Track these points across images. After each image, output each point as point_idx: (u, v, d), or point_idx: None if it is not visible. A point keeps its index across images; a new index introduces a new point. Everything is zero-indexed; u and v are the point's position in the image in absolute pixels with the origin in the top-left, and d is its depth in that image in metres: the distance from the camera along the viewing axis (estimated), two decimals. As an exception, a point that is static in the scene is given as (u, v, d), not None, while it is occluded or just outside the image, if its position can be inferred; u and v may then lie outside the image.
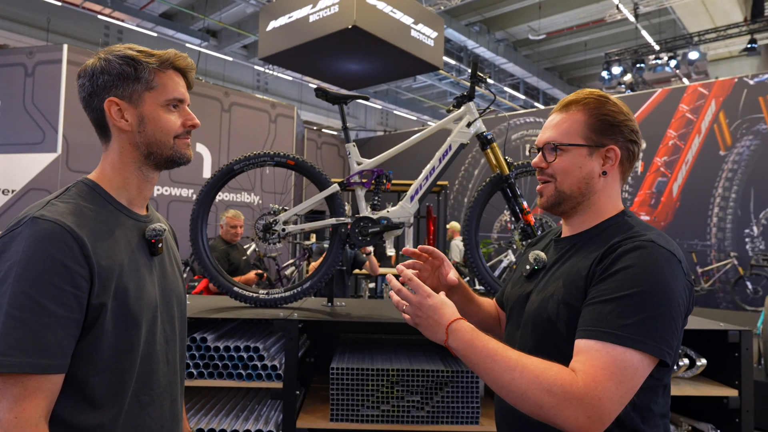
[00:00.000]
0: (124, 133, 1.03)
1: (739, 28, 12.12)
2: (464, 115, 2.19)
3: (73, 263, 0.88)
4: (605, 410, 0.88)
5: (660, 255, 0.98)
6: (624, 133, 1.12)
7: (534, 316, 1.11)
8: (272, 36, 7.17)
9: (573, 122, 1.13)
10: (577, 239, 1.15)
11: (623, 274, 0.96)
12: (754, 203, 8.18)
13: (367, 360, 1.89)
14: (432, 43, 7.36)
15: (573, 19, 14.12)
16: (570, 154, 1.13)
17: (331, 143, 13.04)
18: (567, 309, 1.03)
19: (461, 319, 1.03)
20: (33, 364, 0.82)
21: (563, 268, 1.11)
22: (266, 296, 2.09)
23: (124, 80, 1.01)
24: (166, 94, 1.04)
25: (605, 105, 1.12)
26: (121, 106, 1.01)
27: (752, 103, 8.29)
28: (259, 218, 2.12)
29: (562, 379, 0.90)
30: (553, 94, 18.83)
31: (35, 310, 0.84)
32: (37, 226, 0.88)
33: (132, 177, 1.05)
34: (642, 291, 0.93)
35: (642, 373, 0.92)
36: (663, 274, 0.95)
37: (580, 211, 1.15)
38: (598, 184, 1.13)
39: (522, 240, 2.16)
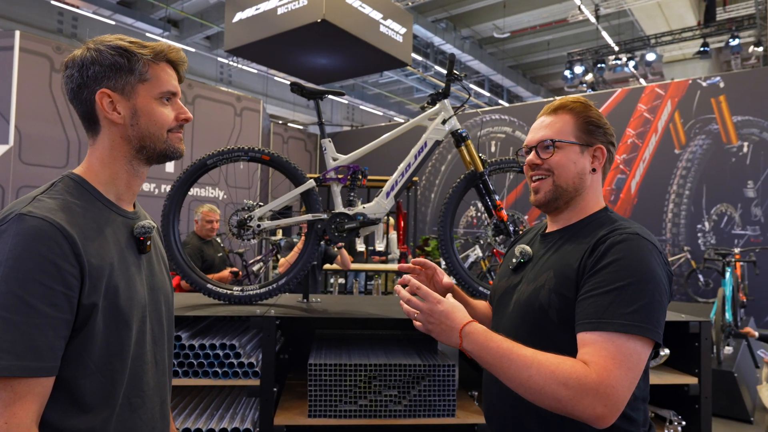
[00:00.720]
0: (116, 126, 0.99)
1: (693, 32, 12.63)
2: (439, 112, 2.21)
3: (64, 262, 0.84)
4: (620, 398, 0.93)
5: (645, 246, 1.05)
6: (607, 135, 1.23)
7: (525, 306, 1.16)
8: (238, 28, 7.03)
9: (564, 123, 1.22)
10: (564, 233, 1.22)
11: (615, 266, 1.02)
12: (706, 200, 8.58)
13: (344, 356, 1.90)
14: (401, 39, 7.37)
15: (536, 18, 14.41)
16: (565, 151, 1.20)
17: (297, 138, 12.91)
18: (558, 298, 1.09)
19: (473, 321, 1.06)
20: (24, 367, 0.79)
21: (552, 260, 1.17)
22: (241, 293, 2.07)
23: (116, 72, 0.97)
24: (159, 87, 1.00)
25: (589, 110, 1.23)
26: (114, 99, 0.97)
27: (705, 104, 8.68)
28: (233, 214, 2.08)
29: (577, 372, 0.93)
30: (517, 91, 19.18)
31: (25, 311, 0.80)
32: (24, 223, 0.83)
33: (121, 172, 1.01)
34: (636, 281, 1.00)
35: (644, 357, 0.99)
36: (649, 264, 1.03)
37: (571, 206, 1.23)
38: (588, 181, 1.21)
39: (495, 236, 2.20)
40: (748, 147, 8.31)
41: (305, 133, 13.63)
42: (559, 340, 1.07)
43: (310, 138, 13.56)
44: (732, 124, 8.44)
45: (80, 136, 7.76)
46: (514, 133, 10.60)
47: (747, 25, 11.87)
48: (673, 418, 1.99)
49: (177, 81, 1.05)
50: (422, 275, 1.39)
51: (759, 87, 8.38)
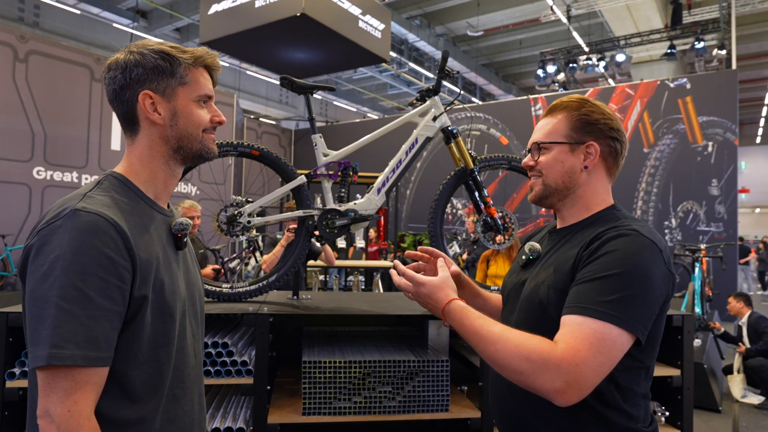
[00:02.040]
0: (156, 126, 1.03)
1: (661, 34, 13.00)
2: (430, 108, 2.21)
3: (117, 255, 0.88)
4: (582, 376, 0.95)
5: (641, 242, 1.06)
6: (603, 130, 1.22)
7: (527, 302, 1.19)
8: (214, 20, 6.88)
9: (556, 124, 1.24)
10: (569, 230, 1.23)
11: (606, 257, 1.05)
12: (672, 197, 8.86)
13: (337, 353, 1.89)
14: (379, 35, 7.35)
15: (509, 17, 14.59)
16: (553, 151, 1.23)
17: (271, 133, 12.76)
18: (557, 294, 1.11)
19: (453, 300, 1.13)
20: (84, 356, 0.83)
21: (555, 256, 1.19)
22: (230, 290, 2.03)
23: (159, 74, 1.01)
24: (198, 90, 1.05)
25: (584, 106, 1.23)
26: (155, 100, 1.02)
27: (672, 105, 8.96)
28: (221, 210, 2.04)
29: (541, 348, 0.98)
30: (490, 89, 19.40)
31: (84, 302, 0.84)
32: (80, 218, 0.87)
33: (160, 171, 1.05)
34: (622, 272, 1.02)
35: (620, 347, 0.99)
36: (642, 259, 1.04)
37: (568, 204, 1.24)
38: (581, 179, 1.22)
39: (485, 232, 2.22)
40: (713, 146, 8.62)
41: (279, 129, 13.49)
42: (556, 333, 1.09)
43: (284, 133, 13.43)
44: (698, 124, 8.74)
45: (46, 128, 7.49)
46: (489, 130, 10.73)
47: (711, 29, 12.28)
48: (657, 408, 2.05)
49: (212, 85, 1.10)
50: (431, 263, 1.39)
51: (723, 89, 8.70)
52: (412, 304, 2.22)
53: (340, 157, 2.15)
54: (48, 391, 0.82)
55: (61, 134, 7.63)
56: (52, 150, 7.59)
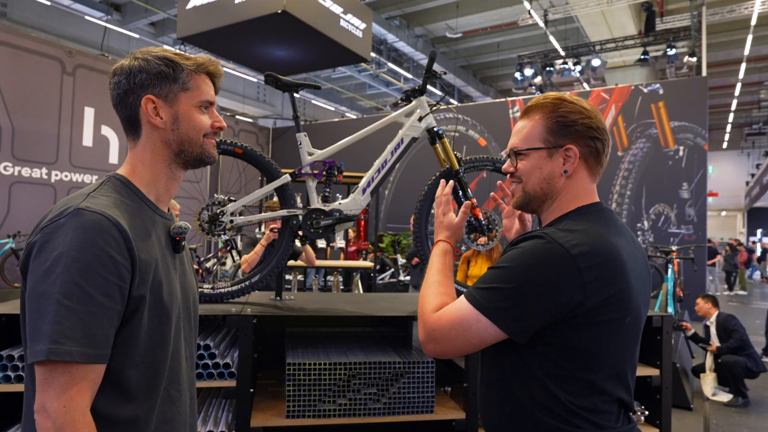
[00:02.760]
0: (157, 130, 1.05)
1: (635, 40, 13.29)
2: (416, 109, 2.20)
3: (118, 255, 0.89)
4: (436, 338, 1.10)
5: (545, 246, 1.05)
6: (581, 131, 1.16)
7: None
8: (192, 15, 6.75)
9: (532, 127, 1.20)
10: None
11: (506, 254, 1.10)
12: (645, 200, 9.07)
13: (321, 354, 1.86)
14: (360, 35, 7.32)
15: (488, 20, 14.73)
16: (530, 158, 1.19)
17: (249, 131, 12.61)
18: None
19: (443, 241, 1.29)
20: (82, 353, 0.84)
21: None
22: (211, 291, 1.99)
23: (162, 80, 1.04)
24: (200, 96, 1.08)
25: (560, 107, 1.17)
26: (158, 104, 1.04)
27: (645, 110, 9.17)
28: (203, 209, 2.00)
29: (425, 306, 1.15)
30: (468, 91, 19.54)
31: (85, 300, 0.85)
32: (83, 217, 0.89)
33: (161, 174, 1.07)
34: (505, 267, 1.06)
35: (476, 330, 1.06)
36: (534, 260, 1.04)
37: (547, 209, 1.22)
38: (560, 183, 1.18)
39: (469, 233, 2.22)
40: (684, 151, 8.85)
41: (256, 126, 13.33)
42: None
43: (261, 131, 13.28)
44: (670, 129, 8.96)
45: (14, 122, 7.25)
46: (467, 132, 10.81)
47: (683, 36, 12.61)
48: (637, 408, 2.08)
49: (214, 92, 1.12)
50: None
51: (694, 95, 8.94)
52: (396, 305, 2.21)
53: (325, 156, 2.13)
54: (45, 387, 0.83)
55: (30, 129, 7.39)
56: (20, 145, 7.35)
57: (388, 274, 7.90)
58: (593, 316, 1.03)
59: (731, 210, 28.44)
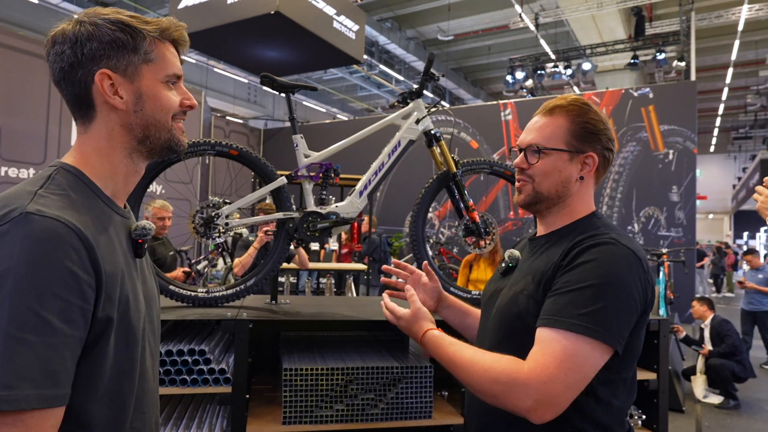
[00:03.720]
0: (116, 112, 0.86)
1: (624, 45, 13.41)
2: (413, 111, 2.19)
3: (81, 270, 0.72)
4: (552, 394, 0.93)
5: (619, 252, 1.04)
6: (602, 141, 1.18)
7: (505, 311, 1.15)
8: (184, 15, 6.69)
9: (556, 127, 1.18)
10: (550, 238, 1.20)
11: (583, 268, 1.02)
12: (635, 203, 9.13)
13: (318, 359, 1.84)
14: (353, 36, 7.30)
15: (479, 23, 14.79)
16: (551, 158, 1.17)
17: (239, 132, 12.53)
18: (535, 304, 1.08)
19: (428, 330, 1.19)
20: (41, 396, 0.67)
21: (534, 265, 1.16)
22: (206, 295, 1.95)
23: (118, 50, 0.84)
24: (166, 68, 0.89)
25: (587, 113, 1.18)
26: (115, 81, 0.85)
27: (636, 113, 9.24)
28: (197, 211, 1.97)
29: (508, 369, 0.98)
30: (459, 94, 19.60)
31: (40, 328, 0.67)
32: (34, 224, 0.70)
33: (120, 165, 0.89)
34: (597, 284, 0.99)
35: (594, 361, 0.97)
36: (619, 269, 1.01)
37: (555, 212, 1.21)
38: (573, 188, 1.18)
39: (466, 236, 2.21)
40: (673, 154, 8.93)
41: (247, 128, 13.26)
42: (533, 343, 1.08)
43: (252, 132, 13.20)
44: (659, 132, 9.03)
45: (0, 122, 7.13)
46: (459, 134, 10.82)
47: (672, 41, 12.74)
48: (634, 412, 2.08)
49: (180, 63, 0.94)
50: (410, 280, 1.46)
51: (684, 99, 9.02)
52: (393, 309, 2.19)
53: (321, 158, 2.10)
54: None
55: (17, 128, 7.28)
56: (7, 145, 7.23)
57: (381, 277, 7.89)
58: (645, 316, 1.07)
59: (718, 213, 28.76)
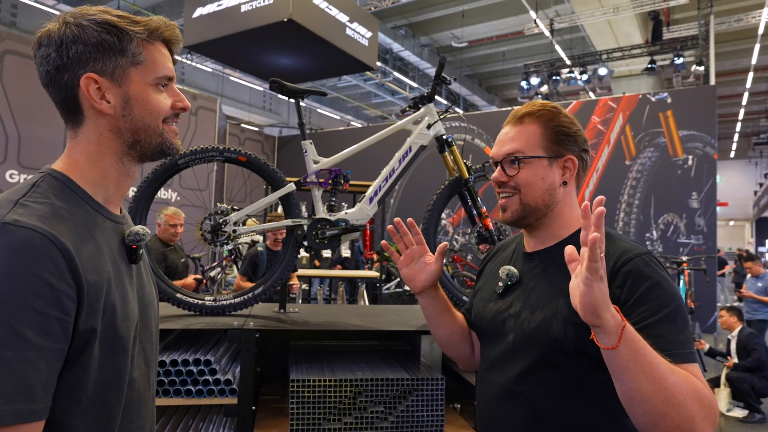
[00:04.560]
0: (104, 117, 0.84)
1: (642, 49, 13.24)
2: (424, 116, 2.15)
3: (59, 281, 0.70)
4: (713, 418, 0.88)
5: (657, 263, 1.01)
6: (578, 142, 1.15)
7: (534, 336, 1.06)
8: (199, 23, 6.76)
9: (530, 134, 1.14)
10: (554, 253, 1.12)
11: (654, 294, 0.96)
12: (654, 209, 8.96)
13: (326, 370, 1.79)
14: (366, 43, 7.31)
15: (493, 29, 14.74)
16: (532, 166, 1.13)
17: (254, 139, 12.61)
18: (575, 328, 1.00)
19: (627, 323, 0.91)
20: (14, 411, 0.65)
21: (557, 284, 1.07)
22: (213, 303, 1.92)
23: (104, 52, 0.82)
24: (156, 71, 0.86)
25: (558, 116, 1.15)
26: (102, 85, 0.82)
27: (653, 118, 9.08)
28: (205, 218, 1.94)
29: (703, 387, 0.88)
30: (473, 100, 19.53)
31: (16, 343, 0.66)
32: (11, 234, 0.69)
33: (111, 170, 0.87)
34: (675, 306, 0.95)
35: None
36: (672, 282, 1.00)
37: (546, 223, 1.15)
38: (559, 195, 1.14)
39: (478, 244, 2.15)
40: (693, 160, 8.75)
41: (262, 135, 13.34)
42: (574, 373, 1.00)
43: (267, 140, 13.28)
44: (678, 138, 8.87)
45: (20, 130, 7.25)
46: (473, 140, 10.75)
47: (690, 45, 12.55)
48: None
49: (172, 63, 0.91)
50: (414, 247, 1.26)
51: (703, 103, 8.86)
52: (404, 318, 2.14)
53: (331, 164, 2.07)
54: None
55: (36, 136, 7.40)
56: (26, 152, 7.35)
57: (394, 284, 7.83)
58: None
59: (739, 220, 28.19)
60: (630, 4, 11.93)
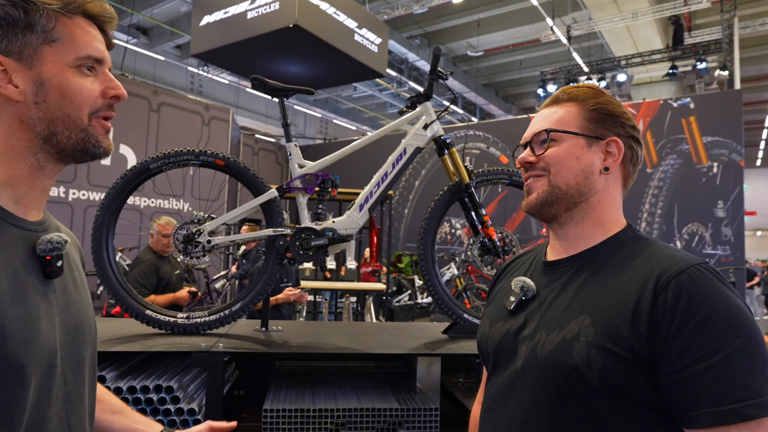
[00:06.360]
0: (11, 104, 0.72)
1: (662, 55, 12.91)
2: (421, 116, 1.97)
3: None
4: None
5: (719, 280, 0.78)
6: (625, 126, 0.95)
7: (549, 363, 0.85)
8: (206, 31, 6.72)
9: (566, 112, 0.96)
10: (582, 261, 0.92)
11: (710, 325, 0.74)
12: (677, 219, 8.61)
13: (307, 397, 1.60)
14: (376, 49, 7.18)
15: (509, 38, 14.56)
16: (565, 143, 0.94)
17: (268, 149, 12.57)
18: (602, 355, 0.79)
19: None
20: None
21: (581, 300, 0.87)
22: (186, 321, 1.75)
23: (9, 29, 0.70)
24: (76, 50, 0.73)
25: (601, 95, 0.97)
26: (7, 66, 0.71)
27: (675, 125, 8.76)
28: (179, 228, 1.78)
29: None
30: (489, 109, 19.32)
31: None
32: None
33: (21, 167, 0.73)
34: (750, 335, 0.73)
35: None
36: (742, 305, 0.77)
37: (577, 217, 0.94)
38: (598, 183, 0.93)
39: (482, 255, 1.95)
40: (718, 167, 8.40)
41: (276, 146, 13.30)
42: (599, 409, 0.79)
43: (281, 150, 13.24)
44: (702, 144, 8.53)
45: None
46: (489, 149, 10.53)
47: (713, 50, 12.19)
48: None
49: (104, 44, 0.77)
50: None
51: (728, 108, 8.51)
52: (399, 339, 1.94)
53: (317, 168, 1.90)
54: None
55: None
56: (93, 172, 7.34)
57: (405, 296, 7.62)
58: None
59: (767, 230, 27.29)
60: (649, 9, 11.64)
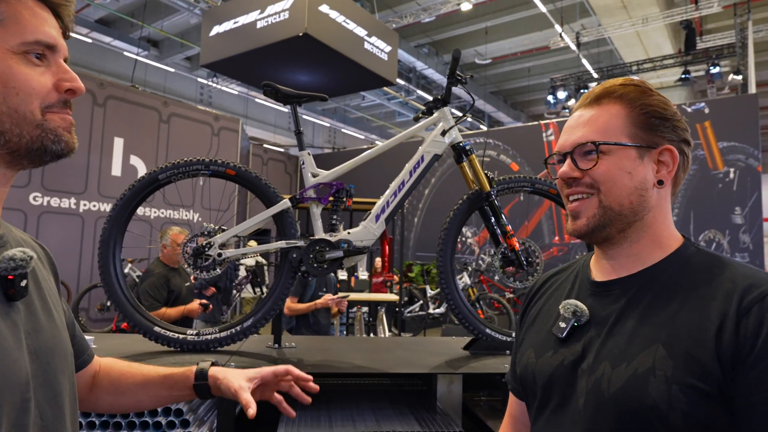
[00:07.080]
0: None
1: (674, 59, 12.78)
2: (438, 122, 1.89)
3: None
4: None
5: None
6: (677, 130, 0.83)
7: (620, 401, 0.74)
8: (215, 42, 6.72)
9: (612, 116, 0.83)
10: (643, 281, 0.81)
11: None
12: (693, 226, 8.44)
13: (323, 420, 1.52)
14: (386, 57, 7.15)
15: (518, 45, 14.49)
16: (616, 157, 0.81)
17: (278, 159, 12.57)
18: (685, 392, 0.70)
19: None
20: None
21: (649, 328, 0.76)
22: (195, 338, 1.68)
23: None
24: (21, 34, 0.64)
25: (649, 95, 0.84)
26: None
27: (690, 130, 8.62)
28: (188, 240, 1.71)
29: None
30: (498, 117, 19.23)
31: None
32: None
33: None
34: None
35: None
36: None
37: (632, 237, 0.83)
38: (652, 199, 0.82)
39: (503, 267, 1.86)
40: (735, 173, 8.25)
41: (285, 155, 13.31)
42: None
43: (290, 160, 13.24)
44: (718, 149, 8.38)
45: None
46: (499, 156, 10.44)
47: (726, 54, 12.04)
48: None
49: (58, 31, 0.68)
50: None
51: (743, 113, 8.37)
52: (417, 355, 1.85)
53: (332, 177, 1.82)
54: None
55: (59, 159, 7.44)
56: (49, 175, 7.37)
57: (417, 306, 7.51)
58: None
59: (784, 236, 26.85)
60: (660, 14, 11.53)
